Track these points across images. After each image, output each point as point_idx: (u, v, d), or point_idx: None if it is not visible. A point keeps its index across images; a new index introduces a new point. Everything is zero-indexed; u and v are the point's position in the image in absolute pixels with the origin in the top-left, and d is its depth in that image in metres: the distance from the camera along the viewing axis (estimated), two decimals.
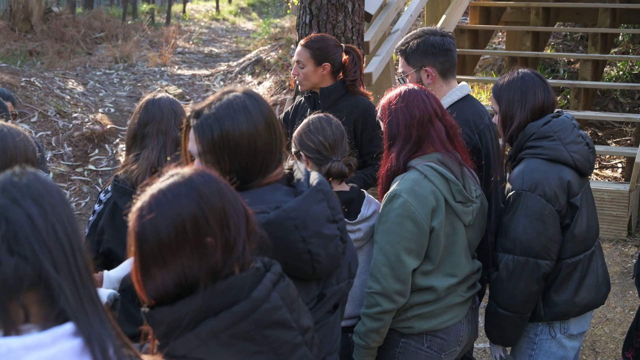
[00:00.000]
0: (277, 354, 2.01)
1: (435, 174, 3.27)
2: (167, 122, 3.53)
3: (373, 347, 3.40)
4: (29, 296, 1.51)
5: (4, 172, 1.60)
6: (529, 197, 3.41)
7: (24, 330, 1.50)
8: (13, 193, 1.54)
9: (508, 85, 3.61)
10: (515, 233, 3.44)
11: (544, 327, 3.59)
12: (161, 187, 1.94)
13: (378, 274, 3.27)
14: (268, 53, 13.66)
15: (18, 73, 11.68)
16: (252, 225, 2.01)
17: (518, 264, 3.44)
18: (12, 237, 1.50)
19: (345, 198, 3.43)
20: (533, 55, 9.77)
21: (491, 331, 3.64)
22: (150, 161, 3.47)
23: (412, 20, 7.97)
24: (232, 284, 1.95)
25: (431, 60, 3.91)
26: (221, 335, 1.93)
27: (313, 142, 3.44)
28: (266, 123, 2.33)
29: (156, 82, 13.52)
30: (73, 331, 1.51)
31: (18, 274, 1.49)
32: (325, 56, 4.58)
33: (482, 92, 10.90)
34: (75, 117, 10.77)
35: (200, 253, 1.91)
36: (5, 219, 1.51)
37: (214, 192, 1.95)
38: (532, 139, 3.51)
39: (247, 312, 1.94)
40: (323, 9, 5.95)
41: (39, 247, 1.51)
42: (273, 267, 2.07)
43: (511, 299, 3.48)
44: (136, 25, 19.19)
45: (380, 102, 3.44)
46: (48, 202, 1.56)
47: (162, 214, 1.89)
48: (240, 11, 26.49)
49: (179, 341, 1.91)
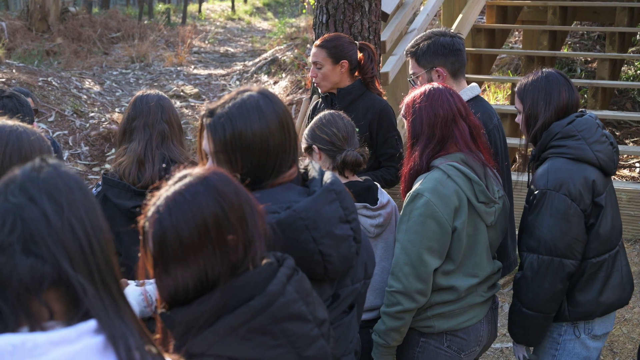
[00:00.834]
0: (295, 347, 2.01)
1: (459, 173, 3.27)
2: (153, 116, 3.63)
3: (393, 346, 3.40)
4: (51, 294, 1.51)
5: (25, 166, 1.57)
6: (554, 196, 3.40)
7: (49, 327, 1.50)
8: (30, 190, 1.52)
9: (532, 84, 3.60)
10: (540, 232, 3.43)
11: (568, 327, 3.58)
12: (177, 188, 1.92)
13: (399, 272, 3.26)
14: (284, 53, 13.67)
15: (35, 73, 11.74)
16: (263, 221, 2.01)
17: (543, 263, 3.42)
18: (28, 237, 1.49)
19: (362, 186, 3.47)
20: (550, 54, 9.73)
21: (515, 331, 3.62)
22: (136, 153, 3.57)
23: (428, 19, 7.94)
24: (247, 279, 1.95)
25: (442, 61, 3.95)
26: (239, 331, 1.93)
27: (326, 134, 3.47)
28: (280, 123, 2.33)
29: (172, 81, 13.56)
30: (96, 328, 1.50)
31: (35, 274, 1.48)
32: (342, 54, 4.58)
33: (499, 92, 10.86)
34: (92, 116, 10.81)
35: (223, 251, 1.91)
36: (21, 219, 1.49)
37: (230, 190, 1.95)
38: (557, 139, 3.50)
39: (264, 306, 1.94)
40: (340, 8, 5.95)
41: (55, 247, 1.49)
42: (286, 261, 2.07)
43: (536, 299, 3.46)
44: (152, 25, 19.25)
45: (404, 100, 3.43)
46: (65, 198, 1.54)
47: (182, 214, 1.88)
48: (255, 11, 26.52)
49: (197, 339, 1.91)
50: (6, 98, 4.13)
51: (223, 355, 1.93)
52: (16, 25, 15.94)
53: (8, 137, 2.51)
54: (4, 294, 1.48)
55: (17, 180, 1.54)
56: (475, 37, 9.82)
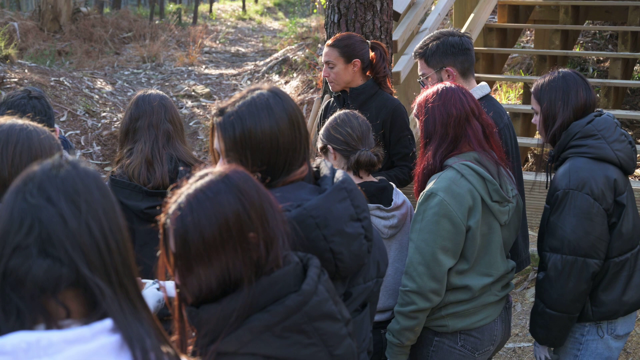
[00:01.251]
0: (327, 345, 2.02)
1: (472, 173, 3.26)
2: (157, 116, 3.63)
3: (406, 345, 3.40)
4: (68, 294, 1.51)
5: (44, 163, 1.57)
6: (577, 195, 3.39)
7: (65, 325, 1.50)
8: (48, 191, 1.52)
9: (549, 84, 3.59)
10: (563, 232, 3.42)
11: (591, 327, 3.56)
12: (198, 186, 1.93)
13: (414, 272, 3.26)
14: (295, 52, 13.67)
15: (47, 73, 11.78)
16: (284, 220, 2.02)
17: (567, 263, 3.41)
18: (45, 239, 1.48)
19: (377, 187, 3.46)
20: (562, 53, 9.70)
21: (537, 331, 3.60)
22: (144, 154, 3.58)
23: (440, 19, 7.94)
24: (277, 279, 1.95)
25: (451, 60, 3.97)
26: (275, 329, 1.93)
27: (340, 134, 3.46)
28: (289, 121, 2.33)
29: (184, 81, 13.58)
30: (112, 327, 1.50)
31: (52, 276, 1.48)
32: (353, 52, 4.58)
33: (511, 91, 10.84)
34: (103, 116, 10.85)
35: (244, 249, 1.91)
36: (38, 221, 1.49)
37: (251, 188, 1.95)
38: (577, 138, 3.49)
39: (300, 305, 1.95)
40: (351, 8, 5.95)
41: (73, 249, 1.49)
42: (312, 260, 2.08)
43: (560, 299, 3.45)
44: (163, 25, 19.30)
45: (417, 100, 3.43)
46: (84, 199, 1.53)
47: (204, 212, 1.88)
48: (266, 11, 26.54)
49: (229, 337, 1.91)
50: (35, 99, 4.14)
51: (258, 354, 1.93)
52: (28, 26, 16.00)
53: (18, 135, 2.52)
54: (20, 293, 1.48)
55: (36, 180, 1.54)
56: (487, 37, 9.81)
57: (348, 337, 2.09)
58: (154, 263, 2.03)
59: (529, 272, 6.18)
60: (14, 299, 1.48)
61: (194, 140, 10.80)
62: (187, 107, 12.04)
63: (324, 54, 4.67)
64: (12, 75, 10.85)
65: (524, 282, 6.16)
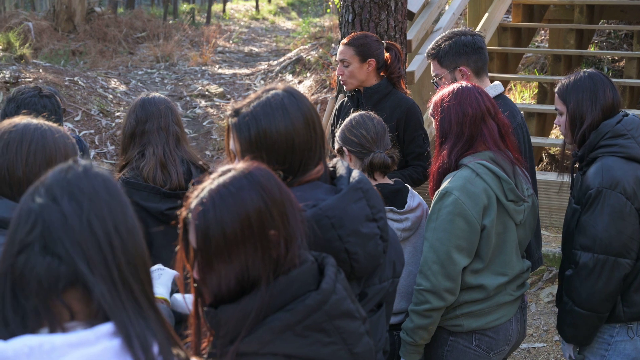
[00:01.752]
0: (346, 343, 2.02)
1: (488, 172, 3.25)
2: (165, 119, 3.65)
3: (420, 344, 3.40)
4: (71, 295, 1.51)
5: (56, 168, 1.59)
6: (610, 194, 3.37)
7: (70, 328, 1.49)
8: (54, 191, 1.53)
9: (575, 84, 3.57)
10: (594, 231, 3.39)
11: (622, 328, 3.52)
12: (221, 182, 1.92)
13: (428, 271, 3.25)
14: (308, 52, 13.67)
15: (62, 72, 11.82)
16: (303, 219, 2.02)
17: (598, 262, 3.39)
18: (46, 236, 1.49)
19: (391, 189, 3.45)
20: (577, 53, 9.66)
21: (565, 330, 3.57)
22: (157, 156, 3.58)
23: (454, 18, 7.92)
24: (295, 278, 1.95)
25: (465, 60, 3.96)
26: (296, 328, 1.93)
27: (355, 136, 3.46)
28: (305, 121, 2.32)
29: (197, 81, 13.60)
30: (113, 330, 1.50)
31: (51, 274, 1.48)
32: (369, 52, 4.58)
33: (525, 91, 10.80)
34: (117, 115, 10.87)
35: (264, 246, 1.91)
36: (41, 219, 1.51)
37: (273, 185, 1.95)
38: (607, 138, 3.47)
39: (319, 304, 1.95)
40: (366, 7, 5.94)
41: (72, 246, 1.49)
42: (328, 259, 2.08)
43: (590, 298, 3.42)
44: (177, 25, 19.32)
45: (433, 99, 3.42)
46: (87, 198, 1.53)
47: (227, 208, 1.88)
48: (279, 10, 26.55)
49: (249, 338, 1.90)
50: (46, 98, 4.15)
51: (279, 353, 1.92)
52: (42, 26, 16.05)
53: (32, 135, 2.52)
54: (25, 294, 1.49)
55: (46, 182, 1.56)
56: (501, 36, 9.78)
57: (366, 335, 2.09)
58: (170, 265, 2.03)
59: (543, 272, 6.16)
60: (21, 300, 1.49)
61: (208, 139, 10.81)
62: (201, 107, 12.05)
63: (339, 52, 4.67)
64: (27, 75, 10.89)
65: (538, 282, 6.14)
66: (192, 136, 10.85)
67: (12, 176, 2.49)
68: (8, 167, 2.49)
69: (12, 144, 2.49)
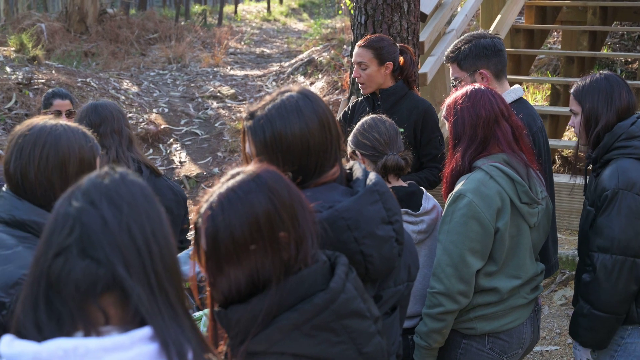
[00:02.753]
0: (355, 343, 2.01)
1: (501, 174, 3.24)
2: (118, 122, 3.82)
3: (434, 347, 3.38)
4: (107, 299, 1.50)
5: (92, 174, 1.59)
6: (627, 195, 3.37)
7: (104, 332, 1.49)
8: (92, 195, 1.53)
9: (591, 86, 3.57)
10: (612, 232, 3.38)
11: (634, 330, 3.51)
12: (230, 186, 1.93)
13: (441, 274, 3.24)
14: (320, 53, 13.67)
15: (74, 74, 11.86)
16: (314, 219, 2.01)
17: (617, 263, 3.37)
18: (85, 240, 1.49)
19: (406, 192, 3.44)
20: (590, 55, 9.62)
21: (583, 334, 3.54)
22: (111, 158, 3.71)
23: (467, 20, 7.90)
24: (304, 277, 1.95)
25: (485, 63, 3.94)
26: (303, 327, 1.93)
27: (368, 139, 3.45)
28: (320, 123, 2.32)
29: (209, 82, 13.62)
30: (150, 335, 1.49)
31: (89, 277, 1.47)
32: (387, 55, 4.58)
33: (538, 92, 10.77)
34: (130, 117, 10.89)
35: (274, 249, 1.91)
36: (80, 223, 1.50)
37: (282, 187, 1.95)
38: (621, 139, 3.47)
39: (327, 303, 1.95)
40: (378, 9, 5.94)
41: (111, 250, 1.49)
42: (340, 258, 2.07)
43: (610, 300, 3.40)
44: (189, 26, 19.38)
45: (446, 101, 3.42)
46: (126, 202, 1.53)
47: (235, 212, 1.89)
48: (291, 12, 26.58)
49: (258, 337, 1.91)
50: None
51: (287, 352, 1.93)
52: (55, 27, 16.11)
53: (46, 138, 2.52)
54: (61, 297, 1.48)
55: (82, 187, 1.55)
56: (514, 38, 9.75)
57: (377, 334, 2.09)
58: None
59: (556, 275, 6.13)
60: (56, 303, 1.48)
61: (219, 141, 10.82)
62: (213, 108, 12.07)
63: (356, 54, 4.64)
64: (39, 76, 10.93)
65: (551, 284, 6.11)
66: (203, 137, 10.87)
67: (25, 180, 2.49)
68: (21, 172, 2.49)
69: (26, 148, 2.50)
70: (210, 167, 10.00)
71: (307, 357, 1.95)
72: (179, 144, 10.63)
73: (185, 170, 9.88)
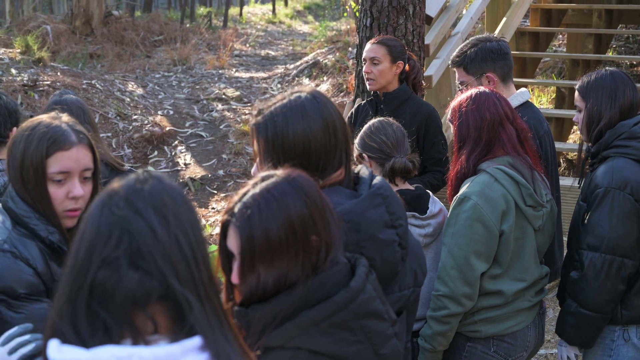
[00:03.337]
0: (372, 344, 2.03)
1: (506, 177, 3.24)
2: (76, 118, 3.75)
3: (439, 350, 3.38)
4: (156, 308, 1.49)
5: (128, 179, 1.55)
6: (618, 194, 3.36)
7: (152, 341, 1.48)
8: (136, 203, 1.50)
9: (596, 82, 3.57)
10: (602, 230, 3.38)
11: (620, 331, 3.52)
12: (264, 187, 1.94)
13: (446, 276, 3.24)
14: (325, 56, 13.68)
15: (79, 75, 11.88)
16: (340, 224, 2.03)
17: (605, 262, 3.37)
18: (135, 251, 1.46)
19: (412, 195, 3.44)
20: (595, 57, 9.61)
21: (569, 332, 3.54)
22: None
23: (472, 23, 7.90)
24: (326, 278, 1.96)
25: (491, 66, 3.94)
26: (321, 325, 1.94)
27: (375, 142, 3.45)
28: (324, 124, 2.32)
29: (214, 84, 13.63)
30: (201, 345, 1.48)
31: (143, 288, 1.45)
32: (399, 54, 4.63)
33: (543, 95, 10.77)
34: (135, 119, 10.91)
35: (306, 251, 1.93)
36: (127, 232, 1.47)
37: (315, 191, 1.97)
38: (621, 138, 3.46)
39: (347, 302, 1.96)
40: (384, 11, 5.94)
41: (163, 261, 1.47)
42: (360, 260, 2.09)
43: (597, 299, 3.40)
44: (194, 29, 19.39)
45: (451, 104, 3.42)
46: (171, 212, 1.51)
47: (271, 213, 1.90)
48: (296, 14, 26.59)
49: (276, 332, 1.92)
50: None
51: (303, 348, 1.94)
52: (60, 29, 16.13)
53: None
54: (108, 307, 1.46)
55: (122, 193, 1.52)
56: (519, 41, 9.74)
57: (394, 337, 2.10)
58: None
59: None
60: (101, 314, 1.46)
61: (224, 143, 10.83)
62: (218, 111, 12.08)
63: (370, 50, 4.66)
64: (44, 78, 10.95)
65: (556, 288, 6.10)
66: (208, 140, 10.88)
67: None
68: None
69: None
70: (215, 170, 10.01)
71: (323, 354, 1.97)
72: (183, 146, 10.63)
73: (190, 172, 9.89)
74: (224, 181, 9.65)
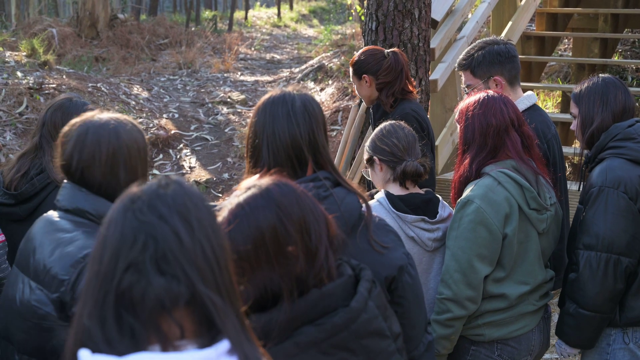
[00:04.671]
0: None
1: (510, 180, 3.23)
2: None
3: (443, 354, 3.37)
4: (182, 312, 1.49)
5: (149, 183, 1.55)
6: (612, 193, 3.37)
7: (180, 346, 1.47)
8: (160, 209, 1.50)
9: (588, 88, 3.61)
10: (598, 229, 3.38)
11: (617, 335, 3.51)
12: (239, 201, 1.95)
13: (449, 279, 3.24)
14: (330, 59, 13.69)
15: (85, 79, 11.89)
16: (334, 230, 2.00)
17: (602, 261, 3.37)
18: (160, 256, 1.47)
19: (422, 199, 3.43)
20: (601, 62, 9.60)
21: (569, 333, 3.53)
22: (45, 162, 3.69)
23: (477, 27, 7.89)
24: (328, 292, 1.95)
25: (499, 69, 3.91)
26: (321, 345, 1.93)
27: (387, 145, 3.44)
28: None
29: (219, 88, 13.65)
30: (229, 348, 1.48)
31: (171, 293, 1.46)
32: (361, 69, 4.57)
33: (548, 100, 10.75)
34: (140, 122, 10.91)
35: (281, 263, 1.91)
36: (153, 238, 1.47)
37: (291, 201, 1.95)
38: (616, 139, 3.48)
39: (347, 323, 1.95)
40: (389, 15, 5.93)
41: (189, 266, 1.47)
42: (364, 272, 2.07)
43: (595, 298, 3.39)
44: (199, 32, 19.42)
45: (459, 106, 3.41)
46: (195, 217, 1.52)
47: (239, 227, 1.90)
48: (301, 18, 26.62)
49: (276, 349, 1.91)
50: None
51: None
52: (66, 32, 16.16)
53: (108, 135, 2.58)
54: (135, 312, 1.46)
55: (144, 198, 1.52)
56: (525, 45, 9.74)
57: (396, 353, 2.09)
58: None
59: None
60: (128, 319, 1.45)
61: (229, 146, 10.83)
62: (223, 114, 12.08)
63: None
64: (50, 81, 10.96)
65: None
66: (213, 143, 10.89)
67: (89, 176, 2.55)
68: (83, 169, 2.55)
69: (88, 146, 2.56)
70: (220, 173, 10.02)
71: None
72: (189, 149, 10.64)
73: (195, 175, 9.89)
74: (229, 184, 9.66)
